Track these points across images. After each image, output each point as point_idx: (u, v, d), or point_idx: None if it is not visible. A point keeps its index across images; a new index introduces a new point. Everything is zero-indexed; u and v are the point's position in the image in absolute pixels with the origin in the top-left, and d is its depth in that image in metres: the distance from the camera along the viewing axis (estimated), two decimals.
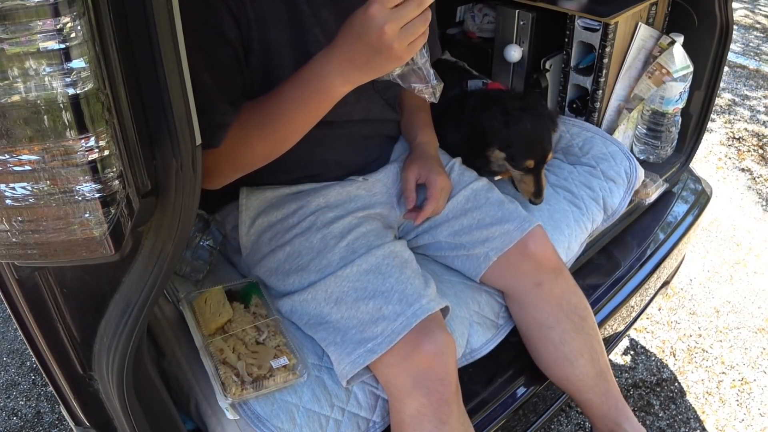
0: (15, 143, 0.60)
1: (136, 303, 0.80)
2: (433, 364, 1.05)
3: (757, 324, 2.18)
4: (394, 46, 0.86)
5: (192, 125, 0.73)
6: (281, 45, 1.09)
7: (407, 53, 0.88)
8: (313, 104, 1.00)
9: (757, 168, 3.04)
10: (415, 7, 0.84)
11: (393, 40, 0.85)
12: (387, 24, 0.84)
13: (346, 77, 0.94)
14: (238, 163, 1.07)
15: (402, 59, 0.89)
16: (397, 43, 0.86)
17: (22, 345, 2.07)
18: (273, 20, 1.07)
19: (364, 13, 0.86)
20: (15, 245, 0.66)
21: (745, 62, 4.09)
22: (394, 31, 0.84)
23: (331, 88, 0.96)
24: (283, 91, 1.01)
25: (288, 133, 1.06)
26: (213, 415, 1.08)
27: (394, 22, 0.84)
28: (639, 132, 1.84)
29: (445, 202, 1.34)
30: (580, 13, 1.63)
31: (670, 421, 1.86)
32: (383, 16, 0.84)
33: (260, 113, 1.03)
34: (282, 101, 1.01)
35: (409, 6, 0.84)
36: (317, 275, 1.16)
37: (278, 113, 1.02)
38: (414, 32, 0.86)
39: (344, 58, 0.92)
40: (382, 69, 0.91)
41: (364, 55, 0.89)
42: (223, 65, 1.04)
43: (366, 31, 0.86)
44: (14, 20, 0.55)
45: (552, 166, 1.66)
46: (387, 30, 0.84)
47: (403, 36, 0.85)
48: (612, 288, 1.56)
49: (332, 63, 0.93)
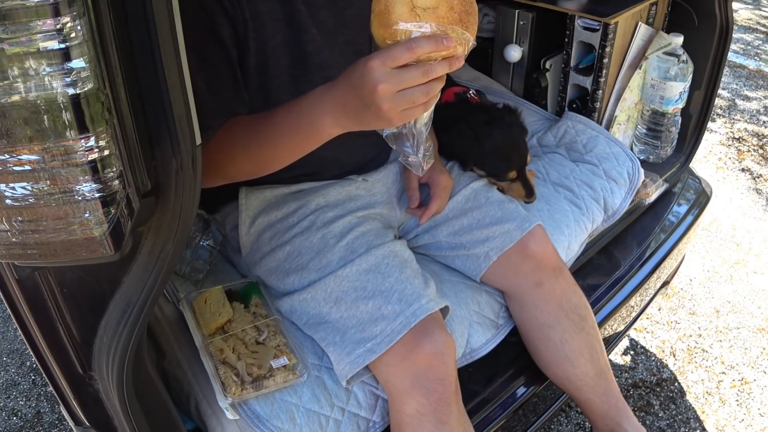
0: (15, 143, 0.60)
1: (136, 303, 0.80)
2: (432, 364, 1.05)
3: (757, 324, 2.18)
4: (383, 108, 0.81)
5: (192, 125, 0.73)
6: (277, 44, 1.08)
7: (398, 119, 0.83)
8: (301, 137, 0.97)
9: (757, 168, 3.04)
10: (418, 75, 0.79)
11: (384, 101, 0.80)
12: (382, 83, 0.79)
13: (336, 121, 0.90)
14: (219, 173, 1.05)
15: (391, 123, 0.84)
16: (388, 105, 0.80)
17: (22, 345, 2.07)
18: (269, 19, 1.06)
19: (364, 63, 0.80)
20: (15, 245, 0.66)
21: (745, 62, 4.09)
22: (389, 92, 0.79)
23: (320, 128, 0.93)
24: (275, 115, 0.99)
25: (272, 158, 1.03)
26: (213, 415, 1.08)
27: (389, 83, 0.79)
28: (639, 132, 1.84)
29: (447, 201, 1.34)
30: (580, 13, 1.63)
31: (670, 421, 1.86)
32: (380, 73, 0.79)
33: (250, 131, 1.02)
34: (272, 125, 0.99)
35: (411, 72, 0.79)
36: (317, 275, 1.16)
37: (266, 136, 1.00)
38: (411, 100, 0.80)
39: (338, 102, 0.88)
40: (371, 124, 0.86)
41: (355, 105, 0.84)
42: (214, 66, 1.03)
43: (361, 83, 0.81)
44: (14, 20, 0.55)
45: (554, 162, 1.66)
46: (380, 90, 0.79)
47: (397, 100, 0.80)
48: (612, 288, 1.56)
49: (326, 103, 0.90)
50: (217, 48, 1.03)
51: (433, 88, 0.81)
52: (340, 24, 1.14)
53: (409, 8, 0.79)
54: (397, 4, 0.80)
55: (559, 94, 1.80)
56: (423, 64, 0.80)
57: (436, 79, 0.81)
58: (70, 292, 0.84)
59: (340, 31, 1.14)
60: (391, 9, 0.80)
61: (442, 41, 0.78)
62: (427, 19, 0.79)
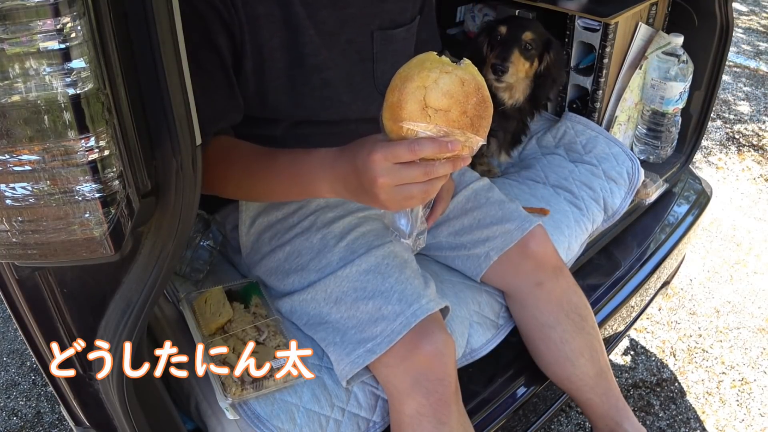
0: (15, 143, 0.60)
1: (136, 303, 0.80)
2: (432, 365, 1.05)
3: (757, 324, 2.18)
4: (381, 197, 0.83)
5: (192, 125, 0.73)
6: (274, 47, 1.08)
7: (395, 207, 0.86)
8: (295, 188, 0.99)
9: (757, 168, 3.04)
10: (419, 174, 0.81)
11: (383, 192, 0.82)
12: (382, 177, 0.81)
13: (333, 189, 0.92)
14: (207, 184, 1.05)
15: (388, 209, 0.87)
16: (387, 196, 0.83)
17: (22, 345, 2.07)
18: (266, 22, 1.06)
19: (368, 153, 0.82)
20: (15, 245, 0.66)
21: (745, 62, 4.09)
22: (388, 185, 0.82)
23: (316, 189, 0.95)
24: (276, 159, 1.00)
25: (262, 194, 1.05)
26: (213, 415, 1.08)
27: (389, 178, 0.81)
28: (639, 132, 1.84)
29: (449, 202, 1.34)
30: (580, 13, 1.63)
31: (670, 421, 1.86)
32: (381, 167, 0.81)
33: (247, 164, 1.03)
34: (271, 169, 1.00)
35: (412, 171, 0.81)
36: (317, 275, 1.16)
37: (262, 176, 1.01)
38: (408, 195, 0.83)
39: (339, 176, 0.90)
40: (368, 204, 0.88)
41: (355, 186, 0.87)
42: (208, 72, 1.03)
43: (363, 170, 0.83)
44: (14, 20, 0.55)
45: (553, 164, 1.66)
46: (380, 182, 0.81)
47: (395, 193, 0.83)
48: (612, 288, 1.56)
49: (327, 171, 0.92)
50: (212, 55, 1.03)
51: (433, 185, 0.83)
52: (341, 23, 1.14)
53: (421, 107, 0.79)
54: (410, 100, 0.79)
55: (559, 94, 1.80)
56: (425, 164, 0.81)
57: (438, 178, 0.82)
58: (70, 292, 0.84)
59: (341, 30, 1.14)
60: (404, 105, 0.80)
61: (446, 146, 0.79)
62: (438, 121, 0.79)
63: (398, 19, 1.23)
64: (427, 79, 0.79)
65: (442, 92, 0.78)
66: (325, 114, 1.18)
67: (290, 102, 1.14)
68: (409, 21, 1.26)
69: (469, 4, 1.99)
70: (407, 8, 1.25)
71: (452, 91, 0.79)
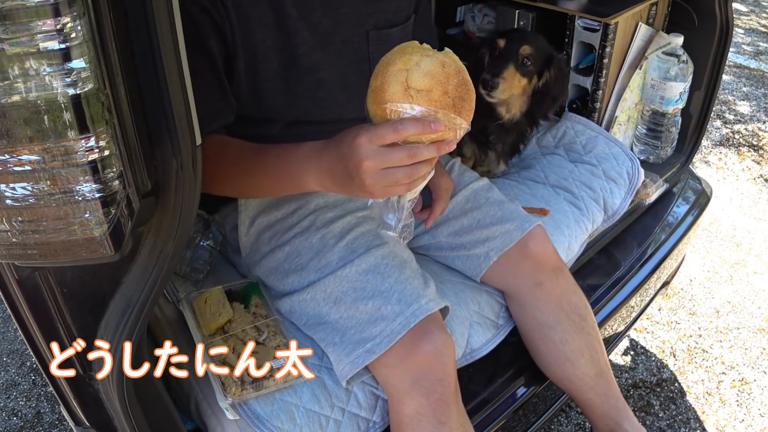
0: (15, 143, 0.60)
1: (136, 303, 0.80)
2: (431, 365, 1.05)
3: (757, 324, 2.18)
4: (366, 182, 0.83)
5: (192, 125, 0.73)
6: (267, 49, 1.09)
7: (381, 194, 0.86)
8: (283, 183, 0.99)
9: (756, 168, 3.04)
10: (403, 157, 0.81)
11: (368, 176, 0.83)
12: (367, 160, 0.81)
13: (320, 182, 0.93)
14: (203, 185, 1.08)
15: (374, 196, 0.87)
16: (372, 181, 0.83)
17: (22, 345, 2.07)
18: (258, 24, 1.07)
19: (353, 138, 0.83)
20: (15, 245, 0.66)
21: (745, 62, 4.09)
22: (373, 169, 0.82)
23: (303, 183, 0.95)
24: (267, 155, 1.00)
25: (253, 190, 1.06)
26: (213, 415, 1.08)
27: (374, 160, 0.81)
28: (639, 132, 1.84)
29: (448, 202, 1.34)
30: (580, 13, 1.63)
31: (670, 421, 1.86)
32: (366, 150, 0.82)
33: (239, 159, 1.04)
34: (261, 164, 1.01)
35: (396, 153, 0.81)
36: (316, 275, 1.16)
37: (253, 171, 1.02)
38: (394, 180, 0.83)
39: (325, 166, 0.90)
40: (354, 193, 0.88)
41: (341, 174, 0.87)
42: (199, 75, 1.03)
43: (348, 156, 0.84)
44: (14, 20, 0.55)
45: (552, 164, 1.66)
46: (365, 166, 0.82)
47: (381, 177, 0.83)
48: (612, 288, 1.56)
49: (313, 163, 0.92)
50: (203, 58, 1.04)
51: (417, 170, 0.83)
52: (336, 24, 1.14)
53: (403, 88, 0.81)
54: (393, 82, 0.81)
55: None
56: (409, 146, 0.81)
57: (423, 162, 0.83)
58: (70, 292, 0.84)
59: (336, 31, 1.15)
60: (386, 87, 0.82)
61: (429, 125, 0.80)
62: (420, 101, 0.81)
63: (393, 18, 1.23)
64: (409, 62, 0.81)
65: (423, 73, 0.81)
66: (320, 114, 1.18)
67: (285, 102, 1.14)
68: (404, 20, 1.27)
69: (469, 4, 1.99)
70: (402, 7, 1.26)
71: (433, 72, 0.81)
